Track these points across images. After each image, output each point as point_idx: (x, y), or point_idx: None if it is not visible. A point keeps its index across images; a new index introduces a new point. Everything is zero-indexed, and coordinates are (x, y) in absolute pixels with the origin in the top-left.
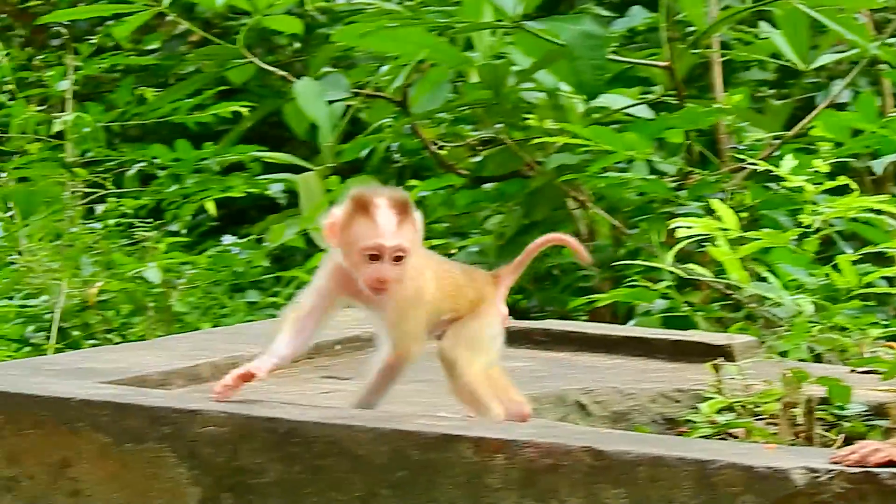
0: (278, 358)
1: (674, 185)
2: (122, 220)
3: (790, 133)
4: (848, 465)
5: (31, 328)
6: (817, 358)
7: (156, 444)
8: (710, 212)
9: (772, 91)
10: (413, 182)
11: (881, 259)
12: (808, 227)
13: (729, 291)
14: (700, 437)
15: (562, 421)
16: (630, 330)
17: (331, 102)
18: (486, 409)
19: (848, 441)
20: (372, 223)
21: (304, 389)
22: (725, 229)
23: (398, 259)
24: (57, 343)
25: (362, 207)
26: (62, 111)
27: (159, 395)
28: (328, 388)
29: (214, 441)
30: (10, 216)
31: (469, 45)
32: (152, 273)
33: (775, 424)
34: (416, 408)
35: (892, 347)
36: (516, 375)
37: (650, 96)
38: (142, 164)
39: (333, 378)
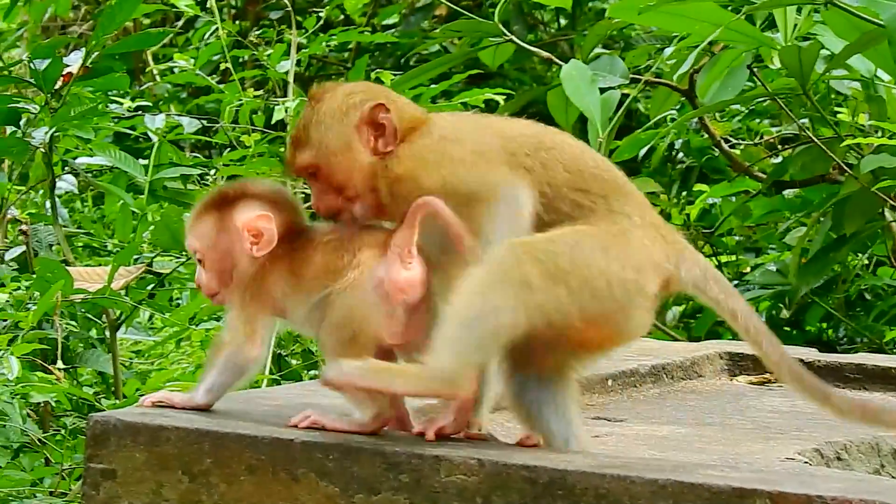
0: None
1: None
2: None
3: None
4: None
5: None
6: None
7: (392, 495)
8: None
9: None
10: (700, 186)
11: None
12: None
13: None
14: None
15: (876, 473)
16: None
17: (603, 90)
18: (362, 407)
19: None
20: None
21: None
22: None
23: (200, 262)
24: (272, 373)
25: None
26: (283, 96)
27: (395, 439)
28: (599, 430)
29: (462, 492)
30: None
31: (770, 24)
32: None
33: None
34: (706, 456)
35: None
36: (820, 417)
37: None
38: None
39: (604, 419)
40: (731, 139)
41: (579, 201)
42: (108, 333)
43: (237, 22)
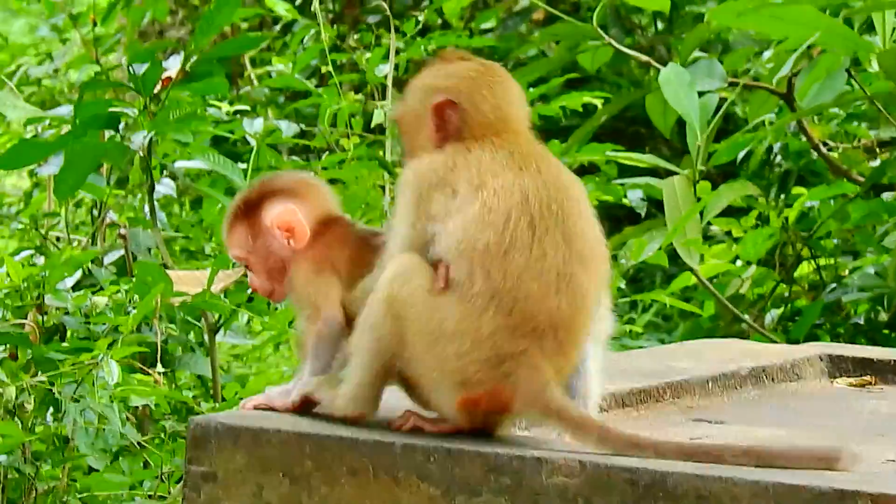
0: None
1: None
2: None
3: None
4: None
5: None
6: None
7: (493, 497)
8: None
9: None
10: (798, 189)
11: None
12: None
13: None
14: None
15: None
16: None
17: (702, 94)
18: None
19: None
20: None
21: (668, 434)
22: None
23: (248, 267)
24: None
25: None
26: (381, 100)
27: (496, 441)
28: (700, 432)
29: (563, 494)
30: None
31: (869, 28)
32: None
33: None
34: None
35: None
36: None
37: None
38: None
39: (705, 421)
40: (829, 143)
41: None
42: (206, 337)
43: (335, 26)
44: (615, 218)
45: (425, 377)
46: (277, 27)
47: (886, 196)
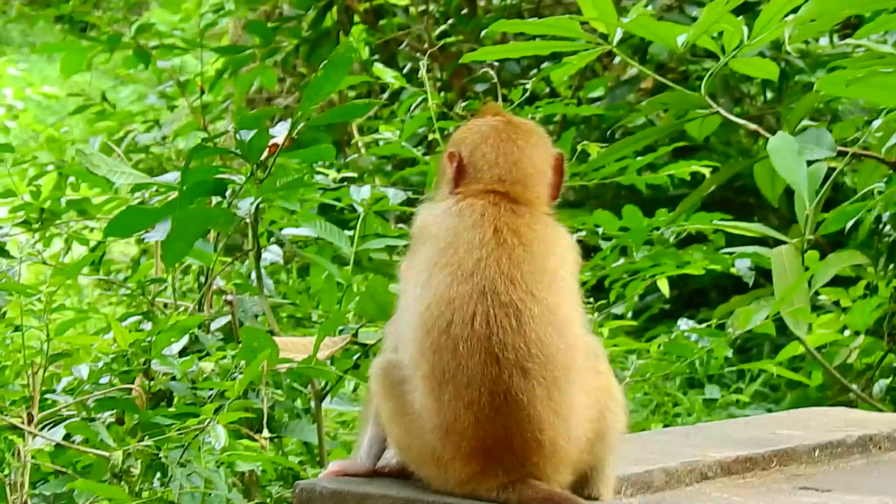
0: None
1: None
2: None
3: None
4: None
5: None
6: None
7: None
8: None
9: None
10: None
11: None
12: None
13: None
14: None
15: None
16: None
17: (810, 163)
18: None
19: None
20: None
21: (775, 503)
22: None
23: None
24: None
25: None
26: None
27: None
28: (805, 500)
29: None
30: None
31: None
32: None
33: None
34: None
35: None
36: None
37: None
38: (581, 234)
39: (811, 489)
40: None
41: None
42: (313, 403)
43: (442, 94)
44: (723, 287)
45: None
46: (385, 95)
47: None
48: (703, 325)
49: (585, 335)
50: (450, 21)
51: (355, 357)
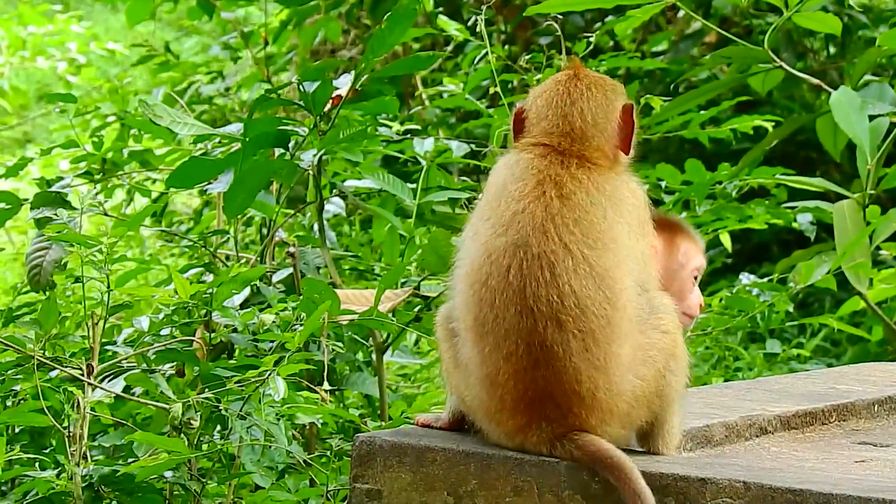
0: None
1: None
2: None
3: None
4: None
5: None
6: None
7: None
8: None
9: None
10: None
11: None
12: None
13: None
14: None
15: None
16: None
17: (872, 118)
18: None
19: None
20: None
21: (833, 457)
22: None
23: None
24: None
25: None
26: None
27: (661, 462)
28: (864, 455)
29: None
30: None
31: None
32: None
33: None
34: None
35: None
36: None
37: None
38: (644, 188)
39: (869, 444)
40: None
41: None
42: (374, 356)
43: (506, 47)
44: (784, 241)
45: None
46: (449, 47)
47: None
48: (765, 279)
49: (641, 290)
50: None
51: (416, 309)
